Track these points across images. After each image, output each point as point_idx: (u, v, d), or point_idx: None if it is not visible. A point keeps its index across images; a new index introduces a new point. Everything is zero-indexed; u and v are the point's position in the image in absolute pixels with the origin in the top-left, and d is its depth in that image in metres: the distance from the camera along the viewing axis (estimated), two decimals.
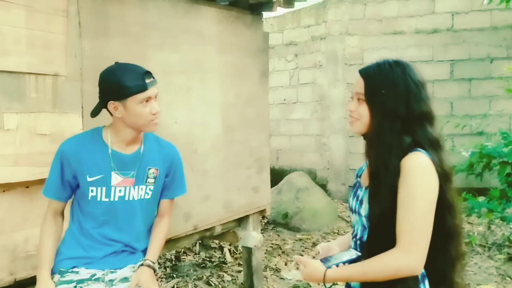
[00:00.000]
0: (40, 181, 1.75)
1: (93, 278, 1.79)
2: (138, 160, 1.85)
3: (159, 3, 2.89)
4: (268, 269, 4.51)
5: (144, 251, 1.95)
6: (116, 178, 1.81)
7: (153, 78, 1.76)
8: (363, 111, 1.44)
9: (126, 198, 1.84)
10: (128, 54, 2.58)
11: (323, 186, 7.20)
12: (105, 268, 1.83)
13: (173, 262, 4.71)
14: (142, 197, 1.88)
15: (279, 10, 3.96)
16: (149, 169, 1.88)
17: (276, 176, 6.65)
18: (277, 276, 4.38)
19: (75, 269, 1.81)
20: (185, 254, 4.93)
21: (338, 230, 5.79)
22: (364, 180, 1.51)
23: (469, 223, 5.48)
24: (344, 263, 1.46)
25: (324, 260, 1.50)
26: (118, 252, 1.87)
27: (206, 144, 3.30)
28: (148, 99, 1.74)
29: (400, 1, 7.10)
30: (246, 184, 3.68)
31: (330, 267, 1.45)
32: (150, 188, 1.89)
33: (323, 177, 7.66)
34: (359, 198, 1.51)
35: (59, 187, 1.83)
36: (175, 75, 3.02)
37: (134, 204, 1.87)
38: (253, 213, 3.87)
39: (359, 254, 1.49)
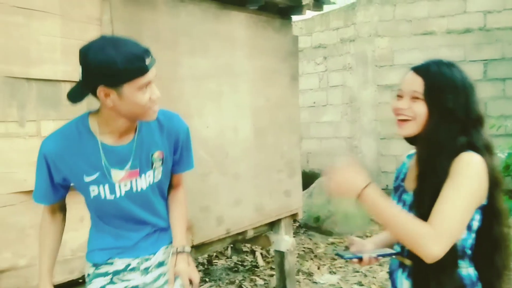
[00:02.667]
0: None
1: (128, 269, 1.69)
2: (138, 149, 1.58)
3: (190, 9, 2.92)
4: (300, 273, 4.47)
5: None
6: (117, 175, 1.56)
7: (152, 55, 1.45)
8: (420, 110, 1.37)
9: (134, 190, 1.62)
10: (160, 60, 2.60)
11: None
12: (139, 255, 1.70)
13: (205, 266, 4.73)
14: (152, 182, 1.65)
15: (308, 13, 3.94)
16: (153, 154, 1.62)
17: (307, 179, 6.60)
18: (309, 280, 4.34)
19: (109, 261, 1.70)
20: (217, 258, 4.95)
21: (371, 234, 5.70)
22: (409, 185, 1.47)
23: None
24: (380, 255, 1.42)
25: (358, 253, 1.46)
26: (149, 235, 1.72)
27: (237, 148, 3.30)
28: (148, 84, 1.43)
29: (430, 1, 6.97)
30: (277, 188, 3.67)
31: (361, 257, 1.41)
32: (159, 171, 1.66)
33: None
34: (406, 203, 1.45)
35: (50, 192, 1.60)
36: (205, 80, 3.04)
37: (145, 191, 1.65)
38: (285, 217, 3.85)
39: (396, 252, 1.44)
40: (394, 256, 1.49)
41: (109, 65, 1.34)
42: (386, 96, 7.28)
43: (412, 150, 1.56)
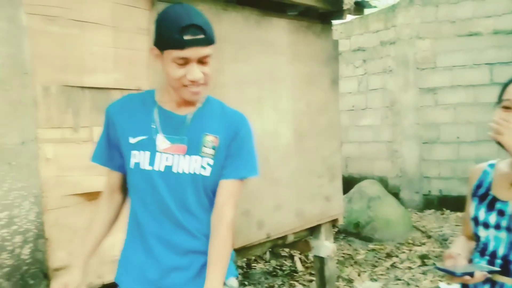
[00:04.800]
0: None
1: None
2: (192, 123, 1.49)
3: (233, 17, 2.98)
4: (340, 279, 4.45)
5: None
6: (163, 142, 1.46)
7: (202, 35, 1.37)
8: None
9: (175, 170, 1.46)
10: None
11: (395, 195, 6.99)
12: None
13: (244, 270, 4.77)
14: (197, 172, 1.46)
15: (347, 17, 3.93)
16: (206, 135, 1.48)
17: (345, 184, 6.54)
18: (350, 287, 4.31)
19: None
20: (255, 262, 4.98)
21: (413, 241, 5.60)
22: (502, 194, 1.45)
23: None
24: (489, 272, 1.40)
25: (454, 269, 1.41)
26: (182, 268, 1.52)
27: (278, 153, 3.33)
28: (187, 61, 1.37)
29: (475, 1, 6.79)
30: (318, 193, 3.68)
31: (473, 273, 1.37)
32: (208, 163, 1.47)
33: (395, 185, 7.46)
34: (506, 212, 1.43)
35: (106, 151, 1.57)
36: (247, 85, 3.08)
37: (185, 178, 1.46)
38: (325, 222, 3.85)
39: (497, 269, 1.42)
40: (491, 274, 1.43)
41: (158, 28, 1.39)
42: (428, 99, 7.14)
43: (493, 160, 1.58)
